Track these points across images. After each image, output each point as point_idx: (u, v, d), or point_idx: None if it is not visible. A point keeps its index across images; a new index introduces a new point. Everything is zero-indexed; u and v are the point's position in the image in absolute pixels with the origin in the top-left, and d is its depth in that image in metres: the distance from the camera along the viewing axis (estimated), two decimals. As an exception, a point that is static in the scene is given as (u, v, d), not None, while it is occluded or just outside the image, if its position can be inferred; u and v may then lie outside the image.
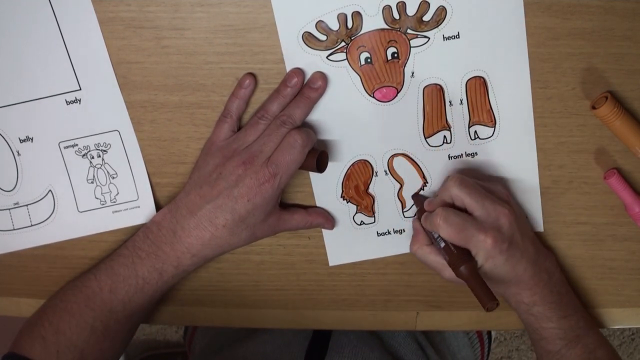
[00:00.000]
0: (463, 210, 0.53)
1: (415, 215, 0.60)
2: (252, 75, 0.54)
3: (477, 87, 0.55)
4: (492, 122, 0.57)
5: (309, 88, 0.54)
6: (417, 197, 0.59)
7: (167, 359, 1.49)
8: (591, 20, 0.52)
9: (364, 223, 0.61)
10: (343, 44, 0.53)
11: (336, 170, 0.58)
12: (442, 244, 0.53)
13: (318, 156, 0.54)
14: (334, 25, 0.53)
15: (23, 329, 0.56)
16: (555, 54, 0.54)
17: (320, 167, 0.55)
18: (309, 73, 0.54)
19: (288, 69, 0.54)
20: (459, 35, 0.53)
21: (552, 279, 0.56)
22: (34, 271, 0.61)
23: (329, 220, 0.59)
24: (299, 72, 0.53)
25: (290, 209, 0.58)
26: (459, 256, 0.52)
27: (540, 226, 0.60)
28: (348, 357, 0.67)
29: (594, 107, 0.54)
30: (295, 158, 0.52)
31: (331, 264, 0.62)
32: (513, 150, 0.57)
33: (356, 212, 0.60)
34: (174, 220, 0.55)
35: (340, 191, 0.59)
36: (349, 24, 0.53)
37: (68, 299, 0.55)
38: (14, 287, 0.60)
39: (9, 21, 0.52)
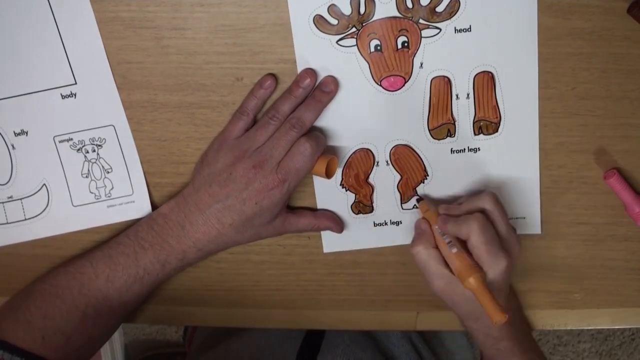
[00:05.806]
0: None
1: (421, 217, 0.58)
2: (274, 76, 0.54)
3: (485, 82, 0.55)
4: (497, 119, 0.56)
5: (321, 91, 0.53)
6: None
7: (167, 359, 1.49)
8: (591, 20, 0.52)
9: (361, 212, 0.60)
10: (354, 29, 0.53)
11: (337, 158, 0.58)
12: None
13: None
14: (347, 10, 0.52)
15: (3, 312, 0.55)
16: (555, 54, 0.54)
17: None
18: (318, 59, 0.54)
19: (297, 52, 0.53)
20: (470, 28, 0.53)
21: (516, 317, 0.60)
22: (33, 271, 0.60)
23: (338, 224, 0.59)
24: (311, 72, 0.53)
25: (297, 212, 0.58)
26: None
27: (538, 228, 0.60)
28: (340, 356, 0.67)
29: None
30: (304, 165, 0.52)
31: (325, 250, 0.62)
32: (516, 148, 0.57)
33: (354, 201, 0.60)
34: (182, 215, 0.55)
35: (340, 179, 0.59)
36: (362, 10, 0.52)
37: (59, 285, 0.55)
38: (13, 287, 0.60)
39: (6, 14, 0.52)
